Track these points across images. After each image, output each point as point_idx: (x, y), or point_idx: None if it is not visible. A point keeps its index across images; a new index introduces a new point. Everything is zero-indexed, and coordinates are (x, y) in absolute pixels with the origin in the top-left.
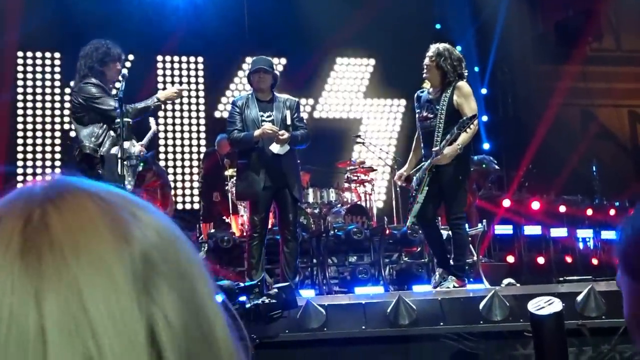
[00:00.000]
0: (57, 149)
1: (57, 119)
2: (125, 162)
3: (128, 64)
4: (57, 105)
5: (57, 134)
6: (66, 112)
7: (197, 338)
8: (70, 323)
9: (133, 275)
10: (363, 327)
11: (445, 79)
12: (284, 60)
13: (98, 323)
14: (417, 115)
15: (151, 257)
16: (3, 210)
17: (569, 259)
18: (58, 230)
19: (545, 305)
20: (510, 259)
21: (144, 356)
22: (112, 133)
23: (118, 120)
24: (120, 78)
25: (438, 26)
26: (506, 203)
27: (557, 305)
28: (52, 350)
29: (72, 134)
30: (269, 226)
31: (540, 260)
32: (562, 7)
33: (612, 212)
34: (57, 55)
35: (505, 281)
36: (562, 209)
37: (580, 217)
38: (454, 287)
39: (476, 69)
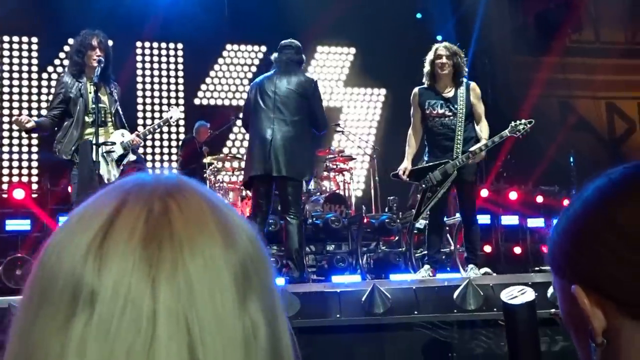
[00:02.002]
0: (34, 134)
1: (34, 105)
2: (101, 148)
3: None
4: (34, 90)
5: (35, 118)
6: (43, 97)
7: (271, 350)
8: (180, 312)
9: (235, 280)
10: (338, 316)
11: (457, 78)
12: (264, 48)
13: (204, 317)
14: (422, 111)
15: (247, 266)
16: (127, 195)
17: (545, 249)
18: (179, 225)
19: (518, 294)
20: (488, 248)
21: (239, 356)
22: (68, 124)
23: (94, 106)
24: (95, 64)
25: (419, 15)
26: (484, 193)
27: (529, 295)
28: (161, 333)
29: None
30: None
31: (517, 250)
32: None
33: None
34: (34, 39)
35: (482, 270)
36: (540, 199)
37: (557, 207)
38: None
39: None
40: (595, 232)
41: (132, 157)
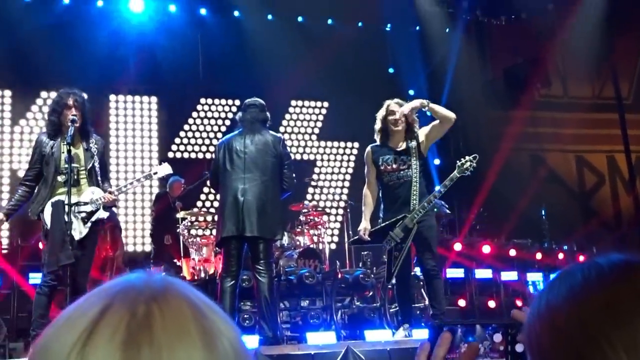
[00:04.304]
0: (6, 188)
1: (6, 158)
2: (73, 209)
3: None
4: (7, 144)
5: (6, 173)
6: (15, 151)
7: None
8: None
9: None
10: None
11: (409, 133)
12: (237, 102)
13: None
14: (376, 168)
15: None
16: (113, 298)
17: (519, 303)
18: (159, 331)
19: None
20: (462, 302)
21: None
22: (41, 188)
23: (67, 166)
24: (69, 124)
25: (391, 70)
26: (457, 247)
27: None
28: None
29: None
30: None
31: (491, 303)
32: (511, 54)
33: (560, 256)
34: (6, 93)
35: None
36: (512, 252)
37: (530, 260)
38: None
39: (428, 113)
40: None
41: (103, 214)
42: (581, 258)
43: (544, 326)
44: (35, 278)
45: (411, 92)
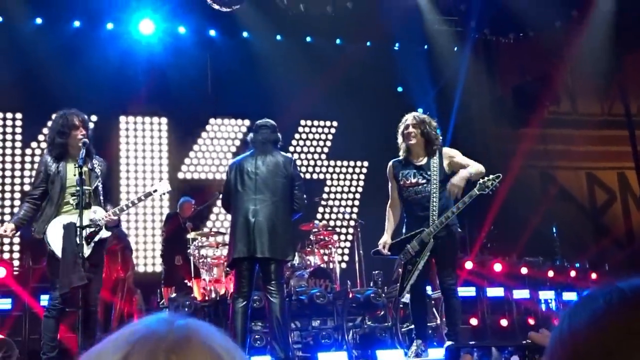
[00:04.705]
0: (17, 210)
1: (17, 180)
2: (82, 231)
3: (91, 125)
4: (18, 166)
5: (17, 195)
6: (26, 173)
7: None
8: None
9: None
10: None
11: (429, 147)
12: (247, 122)
13: None
14: (397, 183)
15: None
16: (133, 346)
17: (531, 321)
18: None
19: None
20: (474, 321)
21: None
22: (46, 207)
23: (78, 188)
24: (80, 145)
25: (400, 89)
26: (469, 265)
27: None
28: None
29: None
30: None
31: (504, 322)
32: (519, 72)
33: (572, 273)
34: (18, 115)
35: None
36: (524, 270)
37: (542, 278)
38: None
39: (437, 131)
40: None
41: (105, 233)
42: (593, 276)
43: (566, 352)
44: (47, 300)
45: (420, 111)
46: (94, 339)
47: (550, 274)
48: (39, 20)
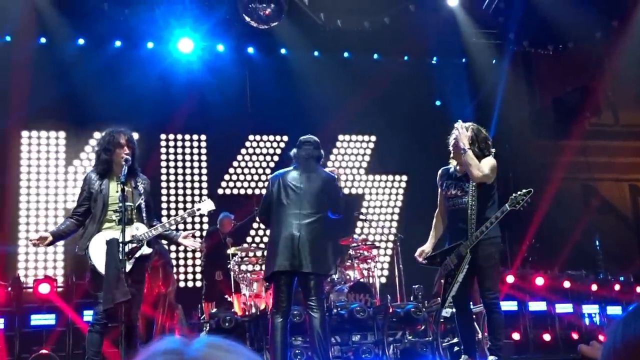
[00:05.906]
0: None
1: (61, 197)
2: (125, 246)
3: None
4: (61, 184)
5: (61, 212)
6: (69, 190)
7: None
8: None
9: None
10: None
11: None
12: (286, 138)
13: None
14: (442, 192)
15: None
16: None
17: (575, 336)
18: None
19: None
20: (516, 336)
21: None
22: (89, 225)
23: (120, 205)
24: (123, 162)
25: (438, 103)
26: (510, 279)
27: None
28: None
29: None
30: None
31: (546, 337)
32: (559, 84)
33: (617, 287)
34: (61, 134)
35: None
36: (567, 284)
37: (585, 292)
38: None
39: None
40: None
41: (147, 250)
42: (638, 289)
43: None
44: (90, 315)
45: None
46: (135, 354)
47: (594, 287)
48: (81, 41)
